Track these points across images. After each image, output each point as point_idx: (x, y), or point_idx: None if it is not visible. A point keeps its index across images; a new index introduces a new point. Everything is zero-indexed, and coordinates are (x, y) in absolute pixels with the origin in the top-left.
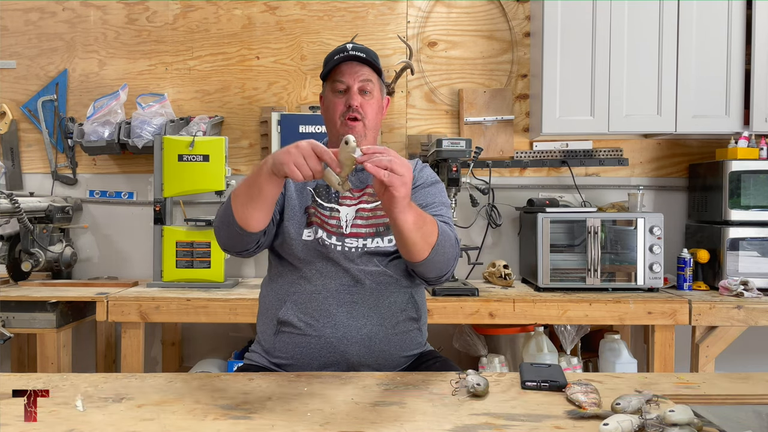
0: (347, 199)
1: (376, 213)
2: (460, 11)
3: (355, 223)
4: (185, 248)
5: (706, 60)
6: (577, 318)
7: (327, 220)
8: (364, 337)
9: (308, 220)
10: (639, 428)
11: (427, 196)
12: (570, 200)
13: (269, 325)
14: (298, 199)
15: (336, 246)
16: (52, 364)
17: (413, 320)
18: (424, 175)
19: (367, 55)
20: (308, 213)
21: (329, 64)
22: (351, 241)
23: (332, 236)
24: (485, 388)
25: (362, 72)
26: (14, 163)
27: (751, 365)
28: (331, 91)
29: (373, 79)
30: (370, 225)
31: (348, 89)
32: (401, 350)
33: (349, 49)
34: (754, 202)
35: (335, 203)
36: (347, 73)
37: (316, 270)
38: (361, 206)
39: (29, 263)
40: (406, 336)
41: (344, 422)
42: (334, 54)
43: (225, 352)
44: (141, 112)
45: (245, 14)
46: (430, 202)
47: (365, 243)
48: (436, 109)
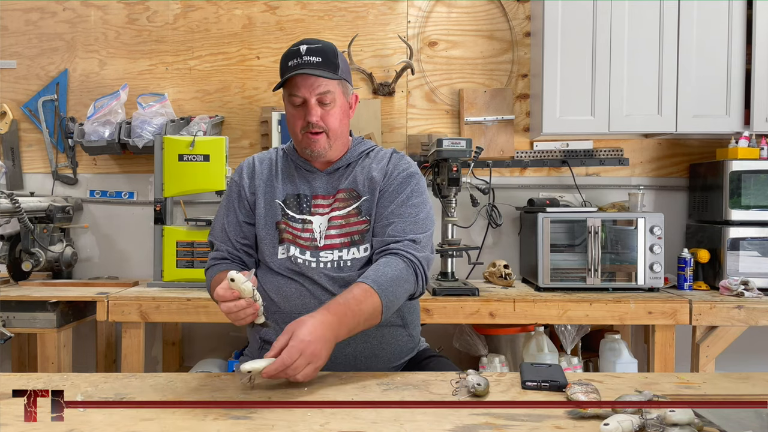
0: (319, 208)
1: (349, 220)
2: (461, 11)
3: (329, 234)
4: (186, 248)
5: (707, 59)
6: (577, 318)
7: (299, 234)
8: (348, 356)
9: (280, 237)
10: (639, 428)
11: (394, 210)
12: (570, 200)
13: (254, 339)
14: (268, 216)
15: (311, 263)
16: (52, 364)
17: (400, 327)
18: (396, 173)
19: (324, 59)
20: (279, 229)
21: (283, 75)
22: (326, 254)
23: (306, 251)
24: (485, 388)
25: (318, 83)
26: (15, 163)
27: (751, 365)
28: (288, 102)
29: (331, 87)
30: (344, 234)
31: (305, 102)
32: (390, 360)
33: (303, 53)
34: (754, 201)
35: (307, 214)
36: (302, 86)
37: (294, 288)
38: (333, 214)
39: (30, 263)
40: (393, 345)
41: (344, 422)
42: (287, 58)
43: (225, 352)
44: (141, 111)
45: (245, 14)
46: (397, 230)
47: (341, 255)
48: (436, 108)
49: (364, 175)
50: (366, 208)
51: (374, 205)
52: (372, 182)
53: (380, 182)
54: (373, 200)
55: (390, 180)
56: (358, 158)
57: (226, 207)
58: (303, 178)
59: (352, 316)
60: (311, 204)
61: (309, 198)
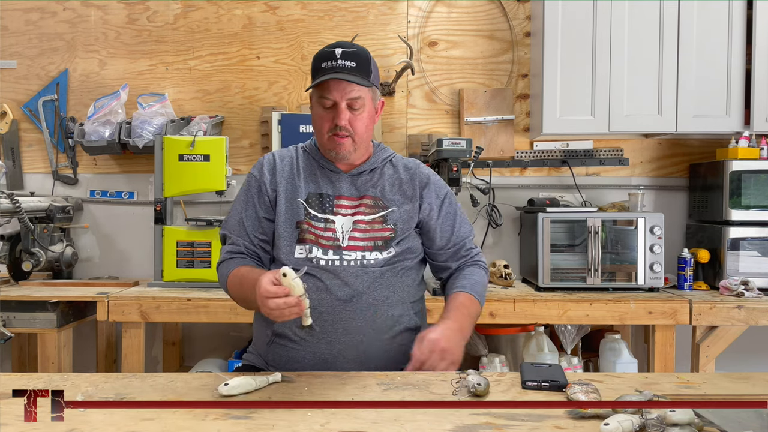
0: (342, 208)
1: (374, 227)
2: (461, 11)
3: (352, 236)
4: (186, 248)
5: (707, 59)
6: (577, 318)
7: (322, 233)
8: (360, 353)
9: (300, 237)
10: (639, 428)
11: (453, 227)
12: (570, 200)
13: (263, 333)
14: (288, 214)
15: (334, 261)
16: (52, 364)
17: (411, 331)
18: (435, 189)
19: (358, 64)
20: (300, 229)
21: (316, 77)
22: (348, 254)
23: (328, 251)
24: (486, 387)
25: (351, 88)
26: (15, 163)
27: (751, 365)
28: (317, 103)
29: (362, 93)
30: (368, 239)
31: (335, 104)
32: (398, 362)
33: (338, 56)
34: (754, 201)
35: (329, 213)
36: (334, 90)
37: (311, 284)
38: (358, 218)
39: (30, 263)
40: (404, 347)
41: (344, 422)
42: (321, 59)
43: (225, 351)
44: (141, 111)
45: (246, 14)
46: (461, 238)
47: (363, 255)
48: (436, 108)
49: (392, 187)
50: (392, 219)
51: (409, 220)
52: (404, 196)
53: (430, 204)
54: (403, 215)
55: (434, 205)
56: (382, 164)
57: (244, 201)
58: (326, 177)
59: (467, 316)
60: (333, 204)
61: (331, 198)
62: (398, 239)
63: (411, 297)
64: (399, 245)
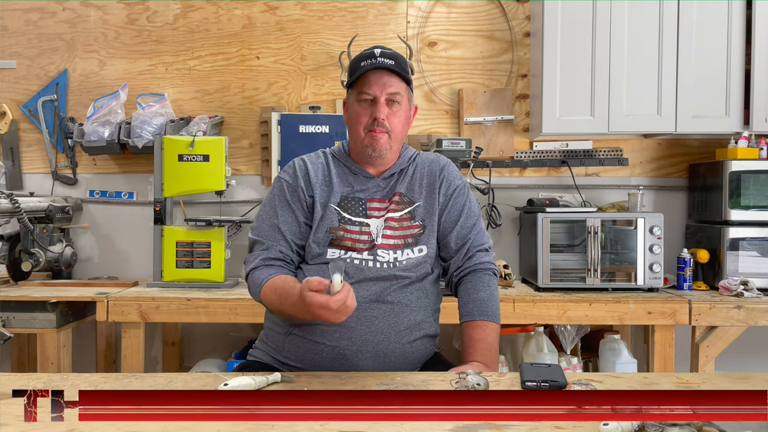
0: (375, 211)
1: (403, 224)
2: (460, 11)
3: (385, 234)
4: (185, 248)
5: (706, 60)
6: (577, 318)
7: (358, 237)
8: (379, 353)
9: (335, 242)
10: (639, 428)
11: (464, 223)
12: (570, 200)
13: (280, 324)
14: (323, 220)
15: (368, 261)
16: (52, 364)
17: (430, 338)
18: (449, 179)
19: (396, 63)
20: (336, 235)
21: (356, 73)
22: (383, 254)
23: (363, 252)
24: (485, 388)
25: (391, 83)
26: (14, 163)
27: (751, 365)
28: (356, 100)
29: (401, 90)
30: (398, 236)
31: (375, 99)
32: (413, 364)
33: (377, 55)
34: (754, 202)
35: (363, 217)
36: (374, 84)
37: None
38: (389, 215)
39: (29, 263)
40: (421, 351)
41: (344, 422)
42: (360, 59)
43: (225, 352)
44: (141, 112)
45: (245, 14)
46: (474, 239)
47: (396, 256)
48: (436, 109)
49: (417, 182)
50: (420, 214)
51: (432, 212)
52: (426, 190)
53: (443, 195)
54: (428, 208)
55: (450, 200)
56: (408, 164)
57: (279, 207)
58: (359, 182)
59: (490, 350)
60: (366, 207)
61: (364, 201)
62: (427, 235)
63: (433, 305)
64: (429, 245)
